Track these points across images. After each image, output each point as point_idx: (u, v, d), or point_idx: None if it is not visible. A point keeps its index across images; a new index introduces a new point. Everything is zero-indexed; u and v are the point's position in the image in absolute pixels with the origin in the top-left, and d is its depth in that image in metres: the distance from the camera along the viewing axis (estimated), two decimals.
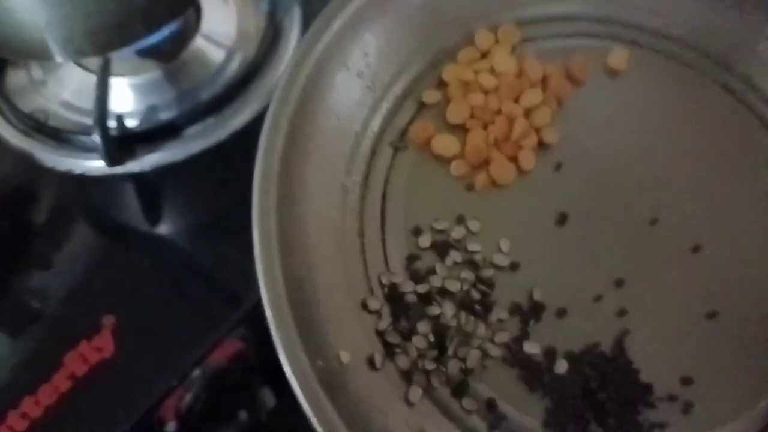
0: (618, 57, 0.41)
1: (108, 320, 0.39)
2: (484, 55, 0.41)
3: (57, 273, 0.42)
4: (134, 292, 0.41)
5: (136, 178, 0.43)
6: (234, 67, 0.45)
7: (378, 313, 0.34)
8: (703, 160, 0.40)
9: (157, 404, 0.38)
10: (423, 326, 0.34)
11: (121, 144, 0.41)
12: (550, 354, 0.35)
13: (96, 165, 0.41)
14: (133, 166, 0.41)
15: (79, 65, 0.44)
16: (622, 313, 0.36)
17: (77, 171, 0.41)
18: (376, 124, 0.39)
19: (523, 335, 0.35)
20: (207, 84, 0.44)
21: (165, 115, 0.43)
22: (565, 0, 0.42)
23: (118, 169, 0.41)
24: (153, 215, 0.45)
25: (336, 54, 0.37)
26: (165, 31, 0.42)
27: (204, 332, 0.39)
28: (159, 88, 0.44)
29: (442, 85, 0.40)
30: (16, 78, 0.45)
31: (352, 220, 0.36)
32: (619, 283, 0.36)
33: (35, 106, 0.44)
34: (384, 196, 0.37)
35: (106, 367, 0.38)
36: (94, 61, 0.42)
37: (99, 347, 0.39)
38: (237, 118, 0.42)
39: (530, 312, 0.35)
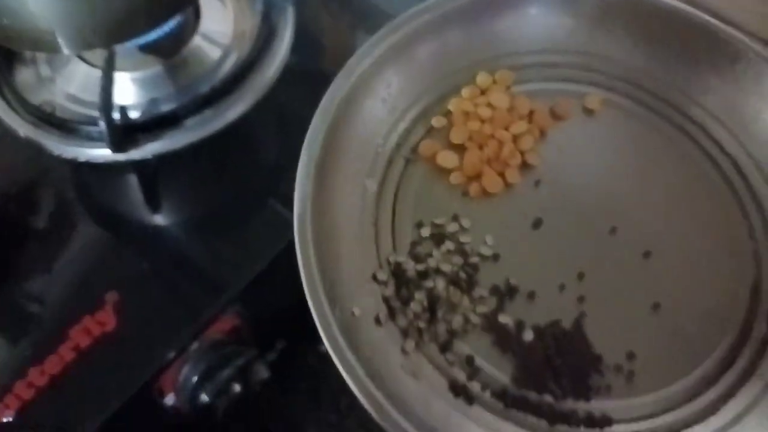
0: (593, 99, 0.50)
1: (111, 297, 0.42)
2: (483, 92, 0.49)
3: (64, 254, 0.45)
4: (136, 271, 0.43)
5: (138, 165, 0.44)
6: (230, 64, 0.47)
7: (384, 284, 0.43)
8: (658, 185, 0.48)
9: (156, 375, 0.41)
10: (419, 295, 0.42)
11: (125, 132, 0.42)
12: (519, 325, 0.42)
13: (100, 153, 0.42)
14: (135, 153, 0.42)
15: (84, 61, 0.46)
16: (581, 299, 0.43)
17: (82, 158, 0.43)
18: (393, 139, 0.48)
19: (499, 309, 0.43)
20: (204, 79, 0.46)
21: (165, 107, 0.44)
22: (552, 51, 0.51)
23: (121, 156, 0.42)
24: (154, 202, 0.47)
25: (365, 84, 0.46)
26: (165, 28, 0.44)
27: (199, 309, 0.42)
28: (160, 82, 0.46)
29: (448, 113, 0.49)
30: (24, 74, 0.47)
31: (369, 211, 0.45)
32: (580, 276, 0.44)
33: (43, 99, 0.45)
34: (396, 196, 0.46)
35: (108, 340, 0.41)
36: (99, 57, 0.44)
37: (102, 321, 0.41)
38: (233, 110, 0.44)
39: (506, 292, 0.43)
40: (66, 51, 0.40)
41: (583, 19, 0.51)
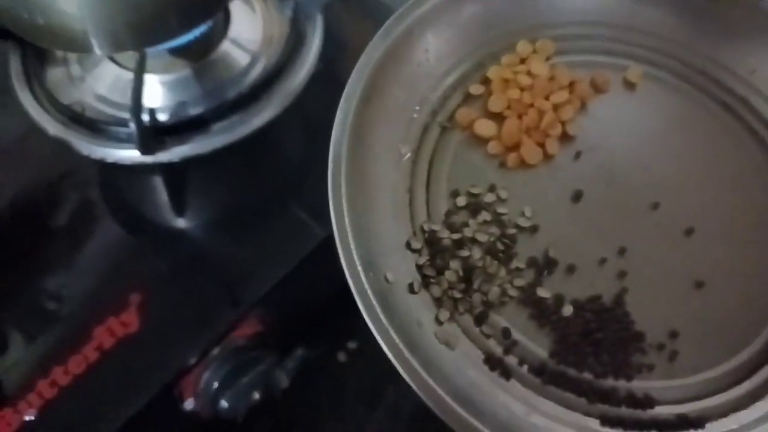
0: (634, 73, 0.48)
1: (135, 299, 0.42)
2: (522, 61, 0.48)
3: (89, 255, 0.45)
4: (160, 274, 0.44)
5: (165, 168, 0.45)
6: (258, 70, 0.47)
7: (418, 252, 0.41)
8: (701, 161, 0.46)
9: (177, 378, 0.41)
10: (454, 264, 0.41)
11: (153, 135, 0.42)
12: (558, 299, 0.41)
13: (128, 154, 0.43)
14: (163, 156, 0.43)
15: (115, 62, 0.46)
16: (622, 275, 0.42)
17: (110, 159, 0.43)
18: (429, 106, 0.46)
19: (537, 282, 0.41)
20: (233, 84, 0.46)
21: (193, 111, 0.45)
22: (592, 23, 0.50)
23: (149, 159, 0.42)
24: (179, 205, 0.47)
25: (403, 46, 0.45)
26: (196, 32, 0.44)
27: (221, 315, 0.43)
28: (188, 86, 0.46)
29: (486, 81, 0.47)
30: (56, 74, 0.47)
31: (404, 178, 0.44)
32: (621, 252, 0.42)
33: (73, 99, 0.46)
34: (431, 164, 0.44)
35: (131, 342, 0.41)
36: (129, 59, 0.44)
37: (126, 323, 0.41)
38: (260, 117, 0.44)
39: (544, 265, 0.42)
40: (98, 52, 0.41)
41: None
